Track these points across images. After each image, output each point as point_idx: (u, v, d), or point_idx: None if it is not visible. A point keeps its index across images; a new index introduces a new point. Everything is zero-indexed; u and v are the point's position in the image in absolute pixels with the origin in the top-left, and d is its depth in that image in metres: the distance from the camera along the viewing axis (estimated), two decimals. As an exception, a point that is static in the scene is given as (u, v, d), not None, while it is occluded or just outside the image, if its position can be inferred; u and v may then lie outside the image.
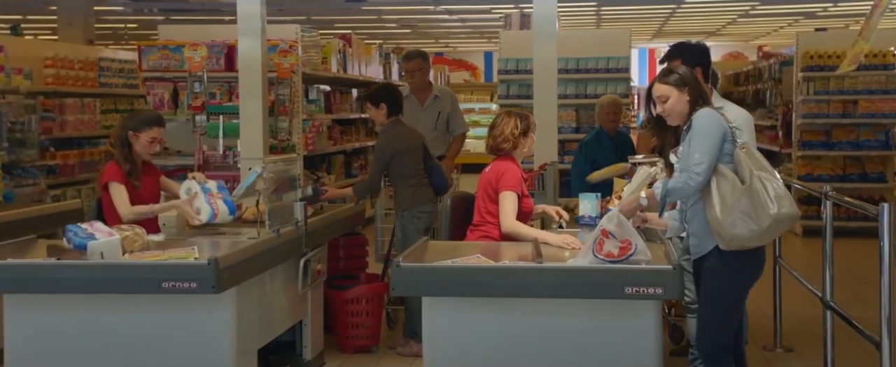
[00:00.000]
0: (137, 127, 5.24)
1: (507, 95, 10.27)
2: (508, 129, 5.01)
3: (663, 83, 4.28)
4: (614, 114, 7.26)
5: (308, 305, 5.52)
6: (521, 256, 4.42)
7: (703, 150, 4.07)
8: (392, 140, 6.16)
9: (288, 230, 5.02)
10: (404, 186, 6.19)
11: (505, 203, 4.85)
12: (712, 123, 4.13)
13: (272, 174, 4.78)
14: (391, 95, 6.33)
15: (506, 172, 4.92)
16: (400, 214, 6.23)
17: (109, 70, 11.72)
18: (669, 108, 4.26)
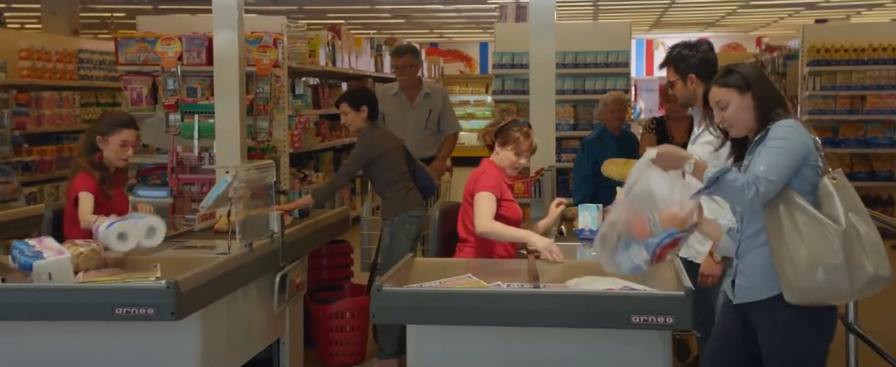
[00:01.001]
0: (106, 130, 4.82)
1: (502, 91, 9.86)
2: (490, 125, 4.72)
3: (721, 86, 3.52)
4: (619, 112, 6.85)
5: (286, 322, 5.11)
6: (516, 276, 4.01)
7: (778, 163, 3.28)
8: (373, 144, 5.76)
9: (263, 243, 4.61)
10: (392, 191, 5.79)
11: (480, 204, 4.47)
12: (795, 136, 3.33)
13: (244, 183, 4.36)
14: (372, 98, 5.94)
15: (482, 174, 4.55)
16: (389, 220, 5.82)
17: (90, 62, 11.29)
18: (731, 116, 3.49)
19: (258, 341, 4.77)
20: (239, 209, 4.30)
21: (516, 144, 4.59)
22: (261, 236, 4.62)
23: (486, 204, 4.45)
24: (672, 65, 4.34)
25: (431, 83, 7.81)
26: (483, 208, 4.45)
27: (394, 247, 5.74)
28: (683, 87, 4.30)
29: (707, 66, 4.30)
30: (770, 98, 3.47)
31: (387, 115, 7.29)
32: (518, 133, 4.61)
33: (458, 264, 4.37)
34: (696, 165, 3.36)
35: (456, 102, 20.96)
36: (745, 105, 3.46)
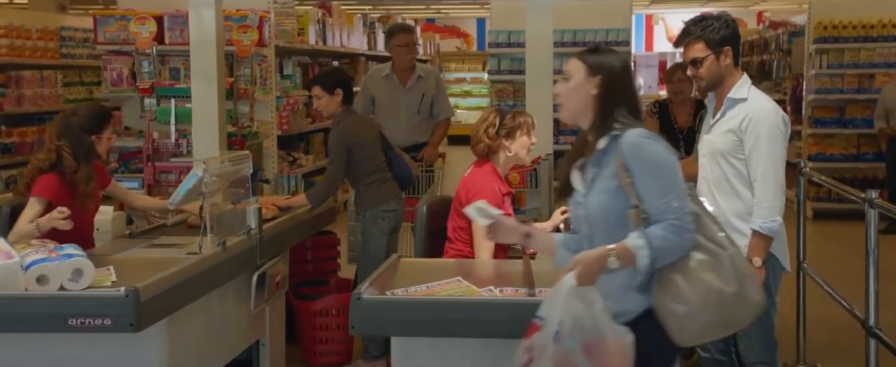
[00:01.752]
0: (99, 128, 4.36)
1: (498, 70, 9.49)
2: (482, 127, 4.29)
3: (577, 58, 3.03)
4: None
5: (266, 322, 4.79)
6: (509, 280, 3.69)
7: (676, 187, 2.86)
8: (348, 132, 5.36)
9: (239, 240, 4.29)
10: (365, 183, 5.42)
11: (477, 236, 4.13)
12: (665, 152, 2.89)
13: (217, 176, 4.03)
14: (347, 80, 5.55)
15: (480, 191, 4.16)
16: (361, 215, 5.47)
17: (72, 40, 10.92)
18: (563, 95, 3.04)
19: (234, 345, 4.45)
20: (210, 205, 3.97)
21: (525, 127, 4.28)
22: (236, 233, 4.30)
23: (483, 239, 4.07)
24: (702, 38, 3.85)
25: (424, 66, 7.42)
26: (481, 246, 4.16)
27: (367, 244, 5.40)
28: (716, 63, 3.83)
29: (737, 41, 3.93)
30: (619, 94, 2.95)
31: (377, 99, 6.93)
32: (520, 117, 4.29)
33: (447, 265, 4.05)
34: (618, 254, 2.80)
35: (452, 79, 20.62)
36: (584, 87, 2.94)
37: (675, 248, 2.79)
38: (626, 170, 2.83)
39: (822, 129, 10.76)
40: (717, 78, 3.87)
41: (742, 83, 3.88)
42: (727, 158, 3.83)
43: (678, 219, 2.78)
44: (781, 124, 3.79)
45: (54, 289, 3.35)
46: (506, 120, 4.29)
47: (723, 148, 3.84)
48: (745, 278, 2.84)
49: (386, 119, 6.85)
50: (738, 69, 3.91)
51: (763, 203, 3.73)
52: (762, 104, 3.83)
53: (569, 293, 2.75)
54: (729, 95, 3.87)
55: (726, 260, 2.81)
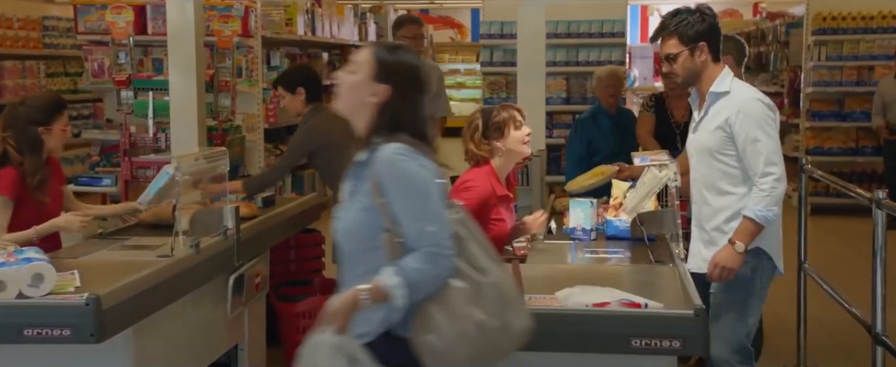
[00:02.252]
0: (47, 118, 4.16)
1: (491, 62, 9.28)
2: (469, 135, 4.00)
3: None
4: (614, 88, 6.27)
5: (244, 325, 4.59)
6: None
7: (437, 213, 2.61)
8: (314, 132, 5.12)
9: (215, 241, 4.08)
10: (339, 183, 5.19)
11: None
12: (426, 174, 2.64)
13: (189, 175, 3.82)
14: (309, 78, 5.29)
15: (469, 190, 3.89)
16: None
17: (55, 30, 10.67)
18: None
19: (210, 350, 4.24)
20: (182, 206, 3.76)
21: (512, 121, 4.01)
22: (212, 234, 4.09)
23: None
24: (676, 34, 3.68)
25: (429, 61, 7.16)
26: None
27: None
28: (690, 59, 3.67)
29: (716, 35, 3.75)
30: (403, 110, 2.68)
31: None
32: (504, 113, 4.03)
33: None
34: (372, 294, 2.55)
35: (445, 70, 20.36)
36: (365, 89, 2.68)
37: (430, 279, 2.52)
38: (379, 188, 2.57)
39: (820, 122, 10.57)
40: (692, 74, 3.71)
41: (723, 76, 3.71)
42: (715, 156, 3.66)
43: (435, 246, 2.51)
44: (769, 112, 3.65)
45: (12, 296, 3.14)
46: (491, 119, 4.01)
47: (711, 146, 3.68)
48: (509, 305, 2.58)
49: None
50: (718, 63, 3.74)
51: (763, 191, 3.56)
52: (746, 95, 3.68)
53: (330, 352, 2.51)
54: (710, 89, 3.70)
55: (489, 289, 2.55)
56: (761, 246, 3.65)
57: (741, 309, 3.67)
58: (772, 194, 3.55)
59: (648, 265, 3.70)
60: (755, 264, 3.65)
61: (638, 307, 3.07)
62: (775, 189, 3.55)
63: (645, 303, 3.11)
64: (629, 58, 13.03)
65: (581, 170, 6.06)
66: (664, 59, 3.72)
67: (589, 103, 8.27)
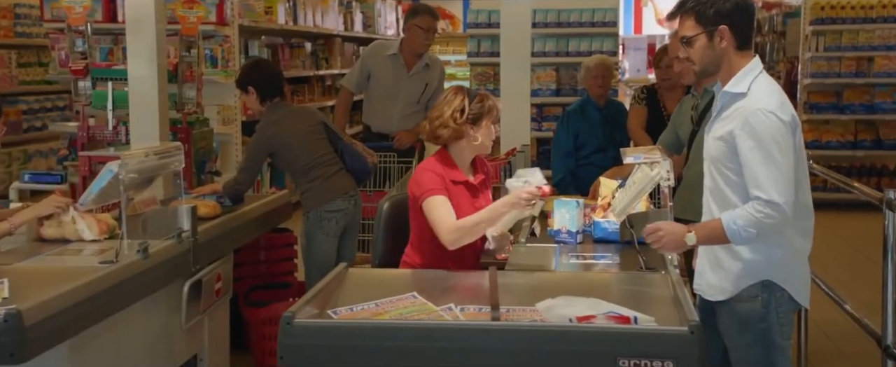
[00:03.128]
0: None
1: (478, 53, 8.93)
2: (449, 110, 3.68)
3: None
4: (603, 78, 5.94)
5: (205, 335, 4.26)
6: (473, 295, 3.16)
7: None
8: (268, 132, 4.83)
9: (167, 245, 3.74)
10: (307, 180, 4.88)
11: (432, 213, 3.57)
12: None
13: (135, 173, 3.49)
14: (260, 76, 4.95)
15: (417, 178, 3.66)
16: (305, 216, 4.93)
17: (28, 18, 10.29)
18: None
19: (165, 363, 3.91)
20: (127, 207, 3.43)
21: (493, 113, 3.72)
22: (164, 237, 3.76)
23: (440, 212, 3.56)
24: (693, 13, 3.11)
25: (433, 54, 6.80)
26: (439, 218, 3.56)
27: (311, 250, 4.88)
28: (709, 44, 3.10)
29: (743, 17, 3.13)
30: None
31: (375, 77, 6.37)
32: (487, 102, 3.72)
33: (403, 277, 3.53)
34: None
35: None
36: None
37: None
38: None
39: (817, 114, 10.26)
40: (711, 63, 3.13)
41: (745, 72, 3.09)
42: (719, 167, 3.14)
43: None
44: (783, 127, 2.99)
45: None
46: (473, 104, 3.71)
47: (714, 154, 3.16)
48: None
49: (380, 102, 6.32)
50: (744, 53, 3.13)
51: (751, 211, 2.99)
52: (760, 103, 3.01)
53: None
54: (725, 88, 3.12)
55: None
56: (772, 279, 3.13)
57: (764, 353, 3.17)
58: (758, 219, 2.97)
59: (639, 273, 3.38)
60: (766, 297, 3.12)
61: (627, 321, 2.75)
62: (765, 217, 2.97)
63: (634, 317, 2.78)
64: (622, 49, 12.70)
65: (567, 164, 5.76)
66: (681, 42, 3.20)
67: (579, 95, 7.97)
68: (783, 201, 2.96)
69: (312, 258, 4.86)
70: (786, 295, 3.13)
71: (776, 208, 2.96)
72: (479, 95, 3.72)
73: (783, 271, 3.13)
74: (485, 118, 3.67)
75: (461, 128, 3.65)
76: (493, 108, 3.72)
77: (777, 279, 3.12)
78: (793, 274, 3.15)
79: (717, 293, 3.21)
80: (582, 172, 5.47)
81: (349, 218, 4.91)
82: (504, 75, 5.16)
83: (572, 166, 5.70)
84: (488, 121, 3.68)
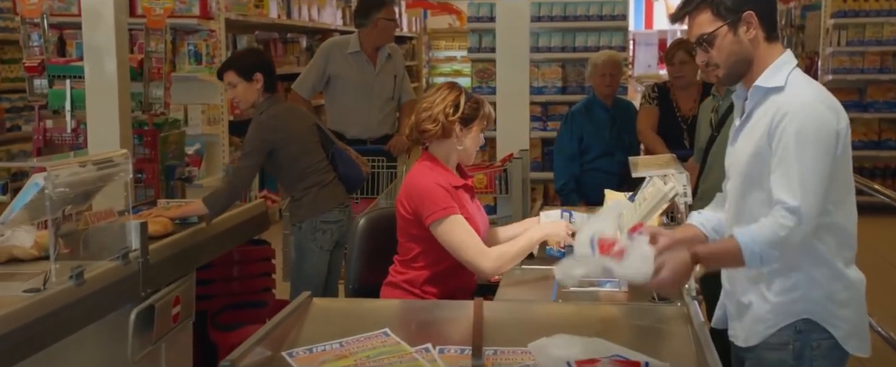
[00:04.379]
0: None
1: (479, 48, 8.43)
2: (442, 105, 3.24)
3: None
4: (611, 77, 5.45)
5: (162, 365, 3.78)
6: (454, 331, 2.69)
7: None
8: (271, 124, 4.34)
9: (109, 269, 3.27)
10: (301, 189, 4.41)
11: (453, 236, 3.14)
12: None
13: (66, 187, 3.01)
14: (267, 64, 4.51)
15: (421, 193, 3.19)
16: (296, 227, 4.46)
17: (6, 12, 9.83)
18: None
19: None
20: (56, 226, 2.95)
21: (485, 121, 3.31)
22: (108, 258, 3.29)
23: (463, 233, 3.16)
24: (707, 6, 2.56)
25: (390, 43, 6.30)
26: (466, 242, 3.17)
27: (302, 265, 4.41)
28: (733, 37, 2.54)
29: (769, 3, 2.63)
30: None
31: (341, 81, 5.84)
32: (483, 108, 3.30)
33: (376, 308, 3.04)
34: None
35: (441, 57, 19.57)
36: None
37: None
38: None
39: (839, 113, 9.74)
40: (740, 60, 2.56)
41: (780, 64, 2.56)
42: (750, 185, 2.57)
43: None
44: (835, 124, 2.48)
45: None
46: (469, 103, 3.26)
47: (745, 169, 2.57)
48: None
49: (353, 106, 5.82)
50: (774, 44, 2.59)
51: (777, 223, 2.45)
52: (807, 97, 2.50)
53: None
54: (756, 82, 2.57)
55: None
56: (811, 316, 2.54)
57: None
58: (784, 237, 2.44)
59: (650, 304, 2.90)
60: (800, 345, 2.53)
61: (636, 367, 2.28)
62: (790, 232, 2.44)
63: (645, 363, 2.31)
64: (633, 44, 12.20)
65: (571, 169, 5.28)
66: (697, 44, 2.62)
67: (586, 93, 7.51)
68: (807, 210, 2.43)
69: (303, 274, 4.39)
70: (829, 342, 2.56)
71: (799, 216, 2.44)
72: (477, 99, 3.29)
73: (826, 309, 2.55)
74: (477, 123, 3.26)
75: (451, 126, 3.21)
76: (489, 116, 3.31)
77: (819, 318, 2.55)
78: (841, 312, 2.57)
79: (740, 337, 2.69)
80: (587, 178, 4.99)
81: (343, 230, 4.46)
82: (500, 73, 4.68)
83: (576, 172, 5.23)
84: (479, 128, 3.27)
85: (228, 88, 4.39)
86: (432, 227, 3.12)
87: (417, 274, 3.23)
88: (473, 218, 3.24)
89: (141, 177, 4.75)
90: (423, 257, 3.24)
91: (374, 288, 3.36)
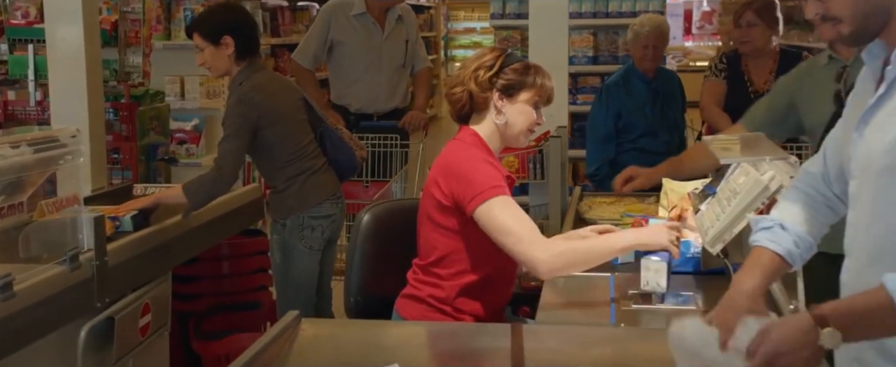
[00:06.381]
0: None
1: (502, 14, 7.70)
2: (472, 66, 2.59)
3: None
4: (655, 49, 4.72)
5: (127, 385, 3.14)
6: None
7: None
8: (256, 97, 3.57)
9: (53, 275, 2.63)
10: (286, 178, 3.66)
11: (501, 221, 2.42)
12: None
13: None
14: (241, 23, 3.69)
15: (466, 170, 2.50)
16: (279, 224, 3.72)
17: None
18: None
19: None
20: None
21: (536, 91, 2.60)
22: (53, 261, 2.65)
23: (516, 219, 2.44)
24: None
25: (402, 4, 5.61)
26: (520, 228, 2.42)
27: (288, 269, 3.68)
28: None
29: None
30: None
31: (345, 47, 5.14)
32: (537, 76, 2.61)
33: (384, 334, 2.37)
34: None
35: (460, 28, 18.88)
36: None
37: None
38: None
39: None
40: (875, 10, 1.78)
41: None
42: None
43: None
44: None
45: None
46: (512, 69, 2.58)
47: (891, 162, 1.75)
48: None
49: (357, 75, 5.14)
50: None
51: None
52: None
53: None
54: None
55: None
56: None
57: None
58: None
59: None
60: None
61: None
62: None
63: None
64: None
65: (606, 152, 4.59)
66: None
67: (621, 63, 6.80)
68: None
69: (291, 279, 3.69)
70: None
71: None
72: (526, 63, 2.62)
73: None
74: (523, 92, 2.57)
75: (483, 94, 2.54)
76: (543, 88, 2.60)
77: None
78: None
79: None
80: (625, 161, 4.26)
81: (336, 227, 3.75)
82: (534, 39, 4.00)
83: (611, 155, 4.53)
84: (528, 100, 2.58)
85: (197, 51, 3.64)
86: (476, 212, 2.42)
87: (448, 285, 2.52)
88: None
89: (117, 157, 4.13)
90: (455, 260, 2.52)
91: (382, 303, 2.69)
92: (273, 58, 8.07)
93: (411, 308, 2.56)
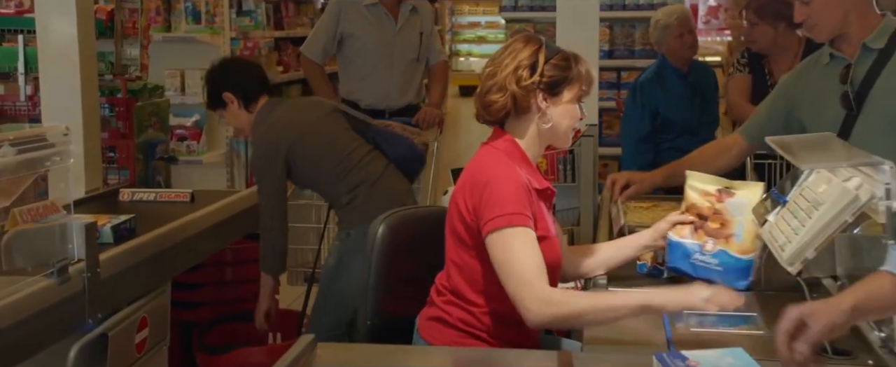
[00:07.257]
0: None
1: (515, 6, 7.44)
2: (510, 67, 2.28)
3: None
4: (690, 34, 4.49)
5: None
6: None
7: None
8: (270, 139, 3.41)
9: (41, 288, 2.38)
10: (347, 191, 3.44)
11: (505, 253, 2.14)
12: None
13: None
14: (228, 75, 3.55)
15: (492, 187, 2.20)
16: (344, 233, 3.47)
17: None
18: None
19: None
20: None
21: (580, 83, 2.31)
22: (40, 274, 2.39)
23: (523, 253, 2.13)
24: None
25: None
26: (522, 268, 2.12)
27: (339, 277, 3.43)
28: None
29: None
30: None
31: (356, 39, 4.90)
32: (578, 65, 2.31)
33: (412, 359, 2.11)
34: None
35: (465, 23, 18.65)
36: None
37: None
38: None
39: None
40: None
41: None
42: None
43: None
44: None
45: None
46: (552, 65, 2.28)
47: None
48: None
49: (368, 69, 4.90)
50: None
51: None
52: None
53: None
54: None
55: None
56: None
57: None
58: None
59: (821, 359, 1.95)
60: None
61: None
62: None
63: None
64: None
65: (645, 155, 4.32)
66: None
67: (637, 57, 6.57)
68: None
69: (338, 288, 3.43)
70: None
71: None
72: (565, 53, 2.31)
73: None
74: (567, 88, 2.28)
75: (528, 95, 2.24)
76: (586, 77, 2.32)
77: None
78: None
79: None
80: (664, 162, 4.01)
81: None
82: (561, 31, 3.71)
83: (650, 157, 4.26)
84: (573, 95, 2.29)
85: None
86: (488, 238, 2.15)
87: (478, 311, 2.25)
88: (552, 239, 2.28)
89: (113, 156, 3.88)
90: (484, 282, 2.25)
91: (400, 323, 2.42)
92: (276, 51, 7.83)
93: (436, 332, 2.29)
